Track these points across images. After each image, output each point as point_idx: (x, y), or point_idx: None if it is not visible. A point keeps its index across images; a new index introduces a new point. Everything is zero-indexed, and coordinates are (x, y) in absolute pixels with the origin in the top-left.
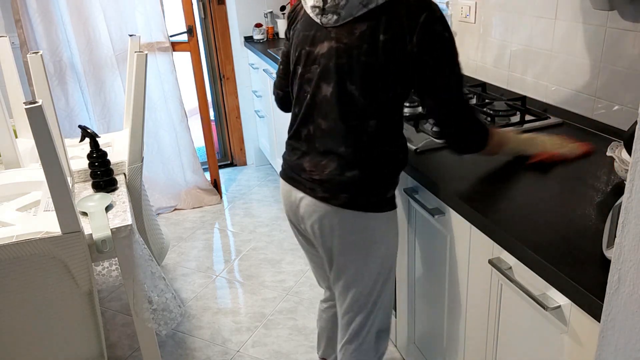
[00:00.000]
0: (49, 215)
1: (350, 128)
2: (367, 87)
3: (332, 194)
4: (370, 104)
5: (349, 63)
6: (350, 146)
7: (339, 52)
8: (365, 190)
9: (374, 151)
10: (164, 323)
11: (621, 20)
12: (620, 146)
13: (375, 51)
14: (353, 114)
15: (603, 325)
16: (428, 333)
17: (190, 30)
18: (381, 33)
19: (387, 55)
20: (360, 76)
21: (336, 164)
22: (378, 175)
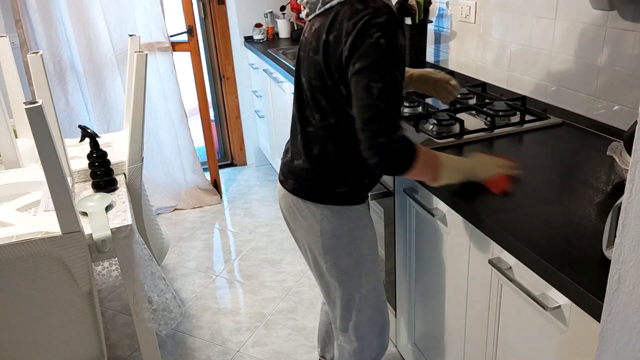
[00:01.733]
0: (49, 215)
1: (302, 117)
2: (311, 82)
3: (285, 178)
4: (313, 99)
5: (303, 57)
6: (302, 135)
7: (301, 45)
8: (310, 180)
9: (319, 144)
10: (164, 323)
11: (621, 20)
12: (620, 146)
13: (318, 49)
14: (303, 105)
15: (603, 325)
16: (428, 333)
17: (190, 30)
18: (325, 32)
19: (327, 55)
20: (307, 71)
21: (291, 152)
22: (323, 168)
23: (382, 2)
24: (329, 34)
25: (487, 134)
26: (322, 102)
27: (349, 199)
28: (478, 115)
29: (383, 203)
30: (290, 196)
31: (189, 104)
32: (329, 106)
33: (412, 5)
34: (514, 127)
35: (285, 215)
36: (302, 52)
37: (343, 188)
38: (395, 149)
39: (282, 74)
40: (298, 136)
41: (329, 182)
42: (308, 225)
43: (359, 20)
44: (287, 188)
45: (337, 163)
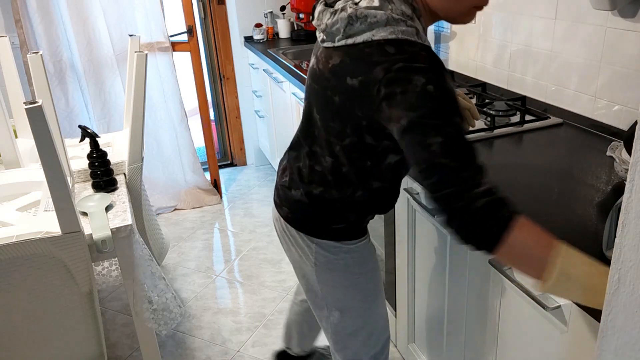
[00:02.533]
0: (49, 215)
1: (311, 153)
2: (327, 124)
3: (280, 203)
4: (327, 141)
5: (317, 91)
6: (307, 170)
7: (314, 75)
8: (305, 213)
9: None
10: (164, 323)
11: (621, 20)
12: (620, 146)
13: (338, 91)
14: (314, 141)
15: (603, 325)
16: (428, 333)
17: (190, 30)
18: (348, 75)
19: (353, 101)
20: (322, 109)
21: (289, 178)
22: (323, 208)
23: (419, 45)
24: (353, 77)
25: (487, 134)
26: (336, 148)
27: (347, 235)
28: None
29: None
30: (284, 223)
31: (189, 104)
32: (343, 153)
33: None
34: (514, 127)
35: (280, 237)
36: (315, 85)
37: (340, 224)
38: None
39: (282, 74)
40: (300, 165)
41: (325, 219)
42: (302, 254)
43: (392, 66)
44: (281, 214)
45: (338, 207)
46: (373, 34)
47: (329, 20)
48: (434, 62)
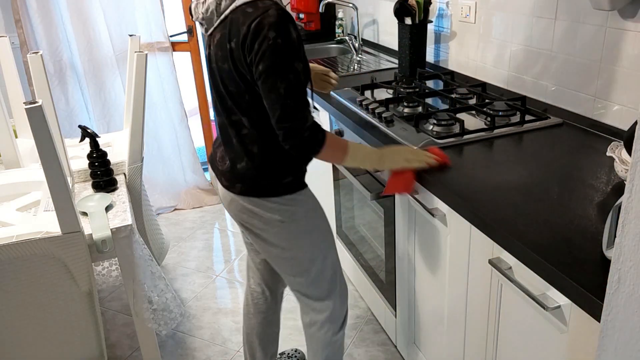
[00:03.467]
0: (49, 215)
1: (232, 123)
2: (229, 89)
3: (231, 183)
4: (236, 104)
5: (215, 68)
6: (237, 139)
7: (211, 57)
8: (256, 178)
9: (257, 143)
10: (164, 323)
11: (621, 20)
12: (620, 146)
13: (226, 57)
14: (230, 111)
15: (603, 325)
16: (428, 333)
17: (190, 30)
18: (228, 41)
19: (234, 61)
20: (221, 79)
21: (231, 156)
22: (266, 165)
23: (269, 1)
24: (230, 41)
25: (487, 134)
26: (244, 106)
27: (296, 187)
28: (478, 115)
29: (383, 203)
30: (241, 199)
31: (189, 104)
32: (252, 108)
33: (412, 5)
34: (514, 127)
35: (239, 219)
36: (213, 64)
37: (288, 178)
38: (306, 137)
39: None
40: (233, 141)
41: (274, 176)
42: (266, 220)
43: (251, 23)
44: (235, 192)
45: (277, 157)
46: (236, 3)
47: (202, 9)
48: (280, 16)
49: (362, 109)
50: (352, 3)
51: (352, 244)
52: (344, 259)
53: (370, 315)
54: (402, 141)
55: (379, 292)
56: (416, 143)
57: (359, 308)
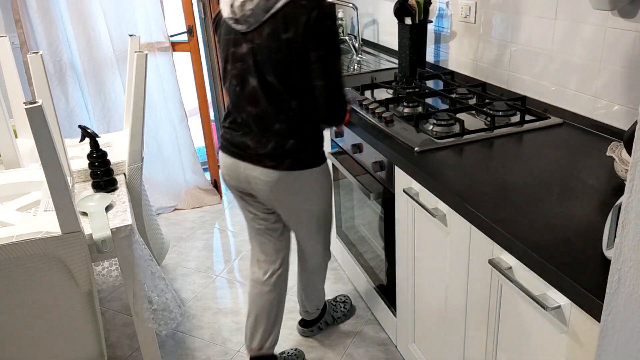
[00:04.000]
0: (49, 215)
1: (279, 109)
2: (281, 77)
3: (279, 161)
4: (286, 90)
5: (264, 59)
6: (284, 122)
7: (255, 51)
8: (302, 152)
9: (301, 123)
10: (164, 323)
11: (621, 20)
12: (620, 146)
13: (280, 48)
14: (277, 98)
15: (603, 325)
16: (428, 333)
17: (190, 30)
18: (282, 32)
19: (290, 50)
20: (273, 70)
21: (276, 139)
22: (308, 140)
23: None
24: (286, 32)
25: (487, 134)
26: (294, 90)
27: (324, 157)
28: (478, 115)
29: (383, 203)
30: (288, 174)
31: (189, 104)
32: (301, 91)
33: (412, 5)
34: (514, 127)
35: (277, 197)
36: (259, 57)
37: (320, 150)
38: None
39: None
40: (277, 126)
41: (315, 149)
42: (308, 190)
43: (310, 14)
44: (284, 168)
45: (315, 132)
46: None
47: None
48: (331, 7)
49: (362, 109)
50: (352, 3)
51: (352, 244)
52: (344, 259)
53: (370, 315)
54: (403, 141)
55: (379, 292)
56: (416, 143)
57: (359, 308)
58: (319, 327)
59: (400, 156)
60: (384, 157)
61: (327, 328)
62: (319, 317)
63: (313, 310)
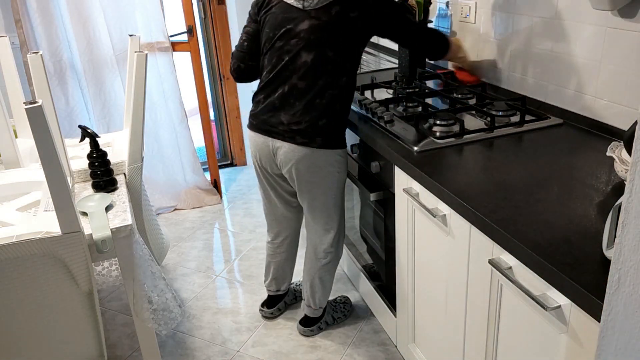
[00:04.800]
0: (49, 215)
1: (323, 86)
2: (342, 52)
3: (311, 138)
4: (343, 64)
5: (328, 35)
6: (325, 99)
7: (320, 28)
8: (332, 133)
9: (339, 102)
10: (164, 323)
11: (621, 20)
12: (620, 146)
13: (347, 25)
14: (329, 74)
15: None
16: (428, 333)
17: (190, 30)
18: (350, 11)
19: (356, 27)
20: (336, 44)
21: (312, 115)
22: (338, 121)
23: None
24: (354, 11)
25: (487, 134)
26: (339, 70)
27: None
28: (478, 115)
29: (383, 203)
30: (319, 152)
31: (189, 104)
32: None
33: (412, 5)
34: (514, 127)
35: (301, 174)
36: (314, 36)
37: (344, 135)
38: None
39: None
40: (316, 101)
41: (340, 133)
42: (328, 172)
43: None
44: (315, 146)
45: (342, 116)
46: None
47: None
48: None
49: (362, 109)
50: None
51: (352, 244)
52: (344, 259)
53: (370, 315)
54: (403, 141)
55: (379, 292)
56: (416, 143)
57: (359, 308)
58: (319, 327)
59: (400, 156)
60: (384, 157)
61: (327, 328)
62: (320, 317)
63: (316, 307)
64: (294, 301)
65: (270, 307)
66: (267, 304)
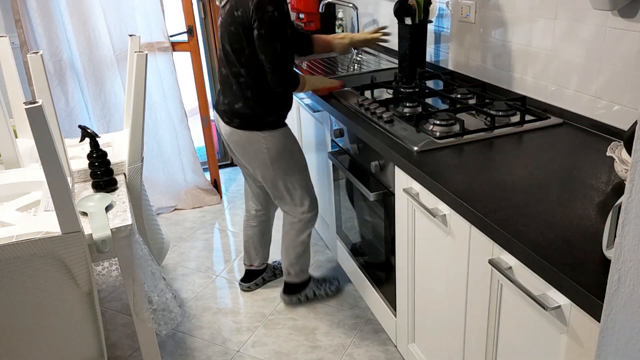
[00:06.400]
0: (49, 215)
1: (233, 73)
2: (233, 47)
3: (230, 119)
4: (237, 58)
5: (225, 31)
6: (236, 86)
7: (222, 23)
8: (249, 115)
9: (250, 89)
10: (164, 323)
11: (621, 20)
12: (620, 146)
13: (234, 22)
14: (232, 65)
15: (603, 325)
16: (428, 333)
17: (190, 30)
18: (235, 10)
19: (240, 25)
20: (229, 40)
21: (229, 99)
22: (256, 106)
23: None
24: (237, 10)
25: (487, 134)
26: (243, 60)
27: (277, 124)
28: (478, 115)
29: (383, 203)
30: (237, 131)
31: (189, 104)
32: (249, 62)
33: (412, 5)
34: (514, 127)
35: (234, 150)
36: (222, 28)
37: (272, 117)
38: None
39: None
40: (233, 87)
41: (262, 116)
42: (255, 149)
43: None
44: (234, 126)
45: (264, 101)
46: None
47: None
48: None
49: (362, 109)
50: (352, 3)
51: (352, 244)
52: (344, 259)
53: (370, 315)
54: (403, 141)
55: (379, 292)
56: (416, 143)
57: (359, 308)
58: (299, 298)
59: (400, 156)
60: (384, 157)
61: (307, 302)
62: (299, 287)
63: (289, 273)
64: (272, 278)
65: (247, 281)
66: (244, 278)
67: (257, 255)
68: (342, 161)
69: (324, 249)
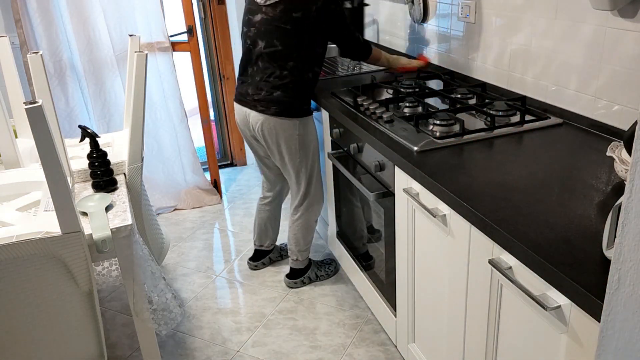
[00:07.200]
0: (49, 215)
1: (276, 66)
2: (284, 43)
3: (267, 107)
4: (288, 53)
5: (273, 28)
6: (276, 77)
7: (267, 21)
8: (286, 103)
9: (290, 80)
10: (164, 323)
11: (621, 20)
12: (620, 146)
13: (288, 22)
14: (278, 58)
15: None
16: (428, 333)
17: (190, 30)
18: (293, 12)
19: (297, 25)
20: (279, 37)
21: (267, 88)
22: (292, 94)
23: None
24: (296, 12)
25: (487, 134)
26: (294, 54)
27: (308, 112)
28: (478, 115)
29: (383, 203)
30: (273, 119)
31: (189, 104)
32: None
33: None
34: (514, 127)
35: (266, 136)
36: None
37: (305, 106)
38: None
39: None
40: (271, 78)
41: (298, 104)
42: (288, 135)
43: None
44: (270, 113)
45: (303, 91)
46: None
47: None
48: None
49: (362, 109)
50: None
51: (352, 244)
52: (344, 259)
53: (370, 315)
54: (403, 141)
55: (379, 292)
56: (416, 143)
57: (359, 308)
58: (303, 280)
59: (400, 156)
60: (384, 157)
61: (310, 284)
62: (303, 271)
63: (295, 259)
64: (279, 258)
65: (255, 260)
66: (253, 257)
67: (267, 237)
68: (342, 161)
69: (324, 249)
